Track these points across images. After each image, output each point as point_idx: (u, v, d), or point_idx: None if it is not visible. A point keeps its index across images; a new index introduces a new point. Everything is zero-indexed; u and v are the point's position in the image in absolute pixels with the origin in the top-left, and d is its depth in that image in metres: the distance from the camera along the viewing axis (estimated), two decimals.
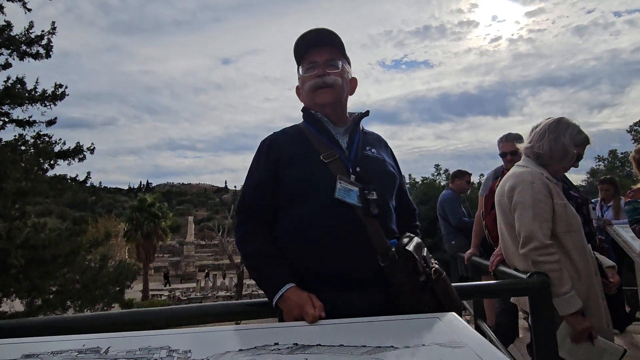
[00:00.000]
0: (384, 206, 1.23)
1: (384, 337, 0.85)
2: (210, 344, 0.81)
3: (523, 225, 1.74)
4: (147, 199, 27.64)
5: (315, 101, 1.32)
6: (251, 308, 1.26)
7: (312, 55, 1.34)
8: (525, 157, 1.96)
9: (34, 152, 9.71)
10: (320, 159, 1.22)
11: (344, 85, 1.34)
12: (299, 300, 1.04)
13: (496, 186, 2.80)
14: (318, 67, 1.31)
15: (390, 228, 1.23)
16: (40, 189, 9.45)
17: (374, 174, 1.26)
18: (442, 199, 4.50)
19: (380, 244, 1.15)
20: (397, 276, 1.09)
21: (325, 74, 1.30)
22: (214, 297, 24.72)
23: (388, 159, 1.37)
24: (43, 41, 10.04)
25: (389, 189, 1.31)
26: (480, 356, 0.78)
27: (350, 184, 1.18)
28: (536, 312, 1.64)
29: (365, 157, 1.29)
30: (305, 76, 1.35)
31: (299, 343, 0.81)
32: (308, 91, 1.33)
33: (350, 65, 1.41)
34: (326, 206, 1.15)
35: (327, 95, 1.30)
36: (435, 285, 1.09)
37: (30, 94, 10.00)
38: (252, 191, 1.29)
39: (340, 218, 1.16)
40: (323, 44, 1.33)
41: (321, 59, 1.32)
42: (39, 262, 9.17)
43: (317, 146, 1.27)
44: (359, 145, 1.31)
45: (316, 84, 1.30)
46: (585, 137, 1.86)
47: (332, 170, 1.20)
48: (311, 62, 1.34)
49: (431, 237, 15.48)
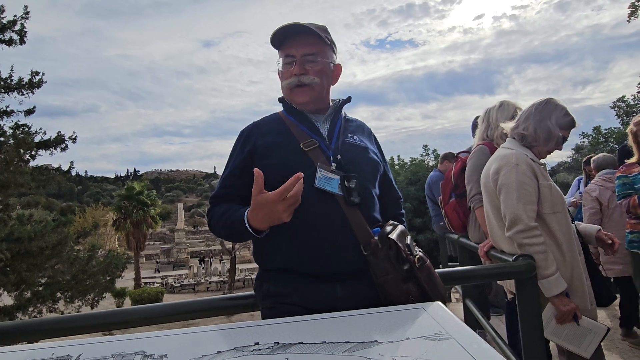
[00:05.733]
0: (366, 194, 1.20)
1: (368, 331, 0.83)
2: (187, 347, 0.78)
3: (508, 208, 1.74)
4: (135, 187, 27.26)
5: (292, 100, 1.27)
6: (231, 302, 1.23)
7: (289, 47, 1.25)
8: (510, 139, 1.94)
9: (13, 143, 9.44)
10: (300, 148, 1.18)
11: (324, 81, 1.26)
12: (263, 205, 1.01)
13: (453, 171, 2.78)
14: (295, 62, 1.23)
15: (372, 217, 1.20)
16: (22, 180, 9.24)
17: (356, 161, 1.22)
18: (430, 181, 4.51)
19: (363, 232, 1.12)
20: (380, 265, 1.07)
21: (302, 72, 1.23)
22: (207, 283, 24.81)
23: (371, 146, 1.32)
24: (16, 26, 9.66)
25: (371, 176, 1.27)
26: (465, 348, 0.76)
27: (331, 173, 1.15)
28: (522, 295, 1.65)
29: (347, 144, 1.25)
30: (282, 72, 1.27)
31: (280, 342, 0.79)
32: (285, 88, 1.27)
33: (335, 51, 1.32)
34: (306, 196, 1.10)
35: (304, 95, 1.24)
36: (419, 274, 1.07)
37: (6, 82, 9.68)
38: (222, 182, 1.27)
39: (321, 207, 1.12)
40: (301, 33, 1.23)
41: (298, 53, 1.23)
42: (26, 255, 9.04)
43: (296, 135, 1.22)
44: (340, 132, 1.27)
45: (292, 83, 1.24)
46: (571, 120, 1.84)
47: (312, 158, 1.16)
48: (288, 56, 1.25)
49: (420, 217, 15.68)
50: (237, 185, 1.23)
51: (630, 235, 2.72)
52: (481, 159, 2.36)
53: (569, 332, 1.67)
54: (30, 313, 9.37)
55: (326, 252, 1.10)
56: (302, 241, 1.11)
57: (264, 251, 1.20)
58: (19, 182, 9.26)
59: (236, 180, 1.24)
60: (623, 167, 2.78)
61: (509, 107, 2.37)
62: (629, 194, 2.68)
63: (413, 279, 1.07)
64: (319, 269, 1.10)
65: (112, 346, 0.78)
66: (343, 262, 1.10)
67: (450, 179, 2.79)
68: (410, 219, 16.16)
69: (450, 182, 2.78)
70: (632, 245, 2.70)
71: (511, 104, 2.39)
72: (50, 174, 10.41)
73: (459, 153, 2.92)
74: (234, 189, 1.23)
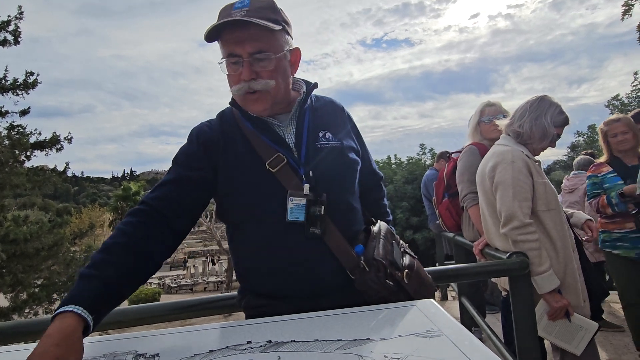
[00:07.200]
0: (343, 210, 1.08)
1: (360, 329, 0.83)
2: (179, 346, 0.78)
3: (504, 205, 1.75)
4: (132, 188, 27.27)
5: (246, 108, 1.06)
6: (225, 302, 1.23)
7: (230, 44, 0.99)
8: (505, 135, 1.95)
9: (8, 144, 9.40)
10: (266, 168, 1.02)
11: (280, 81, 1.04)
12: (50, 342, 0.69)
13: (445, 171, 2.80)
14: (242, 63, 1.00)
15: (353, 230, 1.09)
16: (18, 181, 9.20)
17: (331, 172, 1.07)
18: (426, 179, 4.53)
19: (346, 258, 1.02)
20: (369, 285, 0.99)
21: (252, 77, 1.00)
22: (204, 283, 24.75)
23: (346, 140, 1.15)
24: (10, 27, 9.60)
25: (350, 183, 1.12)
26: (456, 344, 0.77)
27: (303, 197, 1.01)
28: (516, 292, 1.66)
29: (318, 150, 1.08)
30: (229, 75, 1.04)
31: (272, 340, 0.79)
32: (235, 96, 1.05)
33: (289, 30, 1.07)
34: (279, 230, 1.01)
35: (258, 104, 1.04)
36: (408, 287, 1.03)
37: (1, 83, 9.62)
38: (169, 186, 1.02)
39: (297, 239, 1.01)
40: (243, 25, 0.97)
41: (244, 52, 0.99)
42: (22, 256, 9.01)
43: (258, 150, 1.04)
44: (309, 135, 1.09)
45: (242, 90, 1.02)
46: (565, 118, 1.86)
47: (280, 181, 1.02)
48: (232, 55, 1.00)
49: (417, 216, 15.75)
50: (175, 199, 1.00)
51: (602, 234, 2.71)
52: (471, 159, 2.38)
53: (560, 328, 1.68)
54: (26, 314, 9.33)
55: (308, 280, 1.02)
56: (281, 271, 1.02)
57: (243, 271, 1.10)
58: (15, 183, 9.22)
59: (182, 191, 1.01)
60: (593, 167, 2.78)
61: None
62: (598, 193, 2.67)
63: (403, 291, 1.02)
64: (301, 292, 1.03)
65: (105, 346, 0.78)
66: (327, 285, 1.03)
67: (443, 179, 2.81)
68: (407, 217, 16.23)
69: (443, 182, 2.80)
70: (604, 244, 2.70)
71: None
72: (46, 175, 10.36)
73: (452, 153, 2.93)
74: (172, 203, 0.99)
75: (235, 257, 1.11)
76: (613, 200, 2.52)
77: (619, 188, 2.52)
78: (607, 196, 2.58)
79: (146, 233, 0.93)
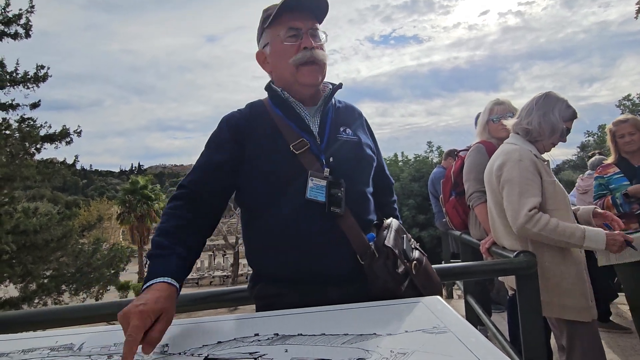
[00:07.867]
0: (358, 197, 1.12)
1: (366, 324, 0.84)
2: (187, 337, 0.80)
3: (510, 203, 1.74)
4: (140, 181, 27.47)
5: (299, 79, 1.10)
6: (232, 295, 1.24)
7: (292, 20, 1.09)
8: (513, 134, 1.94)
9: (19, 137, 9.52)
10: (290, 150, 1.07)
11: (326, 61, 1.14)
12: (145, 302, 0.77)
13: (452, 170, 2.78)
14: (301, 36, 1.09)
15: (367, 220, 1.13)
16: (28, 173, 9.32)
17: (349, 161, 1.12)
18: (434, 177, 4.51)
19: (358, 242, 1.05)
20: (377, 274, 1.01)
21: (314, 46, 1.08)
22: (210, 277, 24.94)
23: (364, 138, 1.21)
24: (21, 20, 9.70)
25: (366, 175, 1.18)
26: (462, 341, 0.77)
27: (322, 179, 1.05)
28: (522, 290, 1.65)
29: (339, 142, 1.14)
30: (287, 45, 1.09)
31: (279, 333, 0.80)
32: (291, 65, 1.10)
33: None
34: (298, 208, 1.04)
35: (315, 75, 1.10)
36: (416, 280, 1.04)
37: (12, 76, 9.73)
38: (197, 171, 1.09)
39: (314, 218, 1.04)
40: (305, 7, 1.09)
41: (305, 27, 1.09)
42: (31, 247, 9.14)
43: (284, 133, 1.10)
44: (331, 127, 1.16)
45: (304, 58, 1.07)
46: (573, 112, 1.84)
47: (302, 163, 1.07)
48: (292, 29, 1.09)
49: (424, 213, 15.69)
50: (209, 182, 1.08)
51: None
52: (478, 158, 2.37)
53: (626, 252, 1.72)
54: (35, 305, 9.49)
55: (321, 261, 1.05)
56: (295, 252, 1.05)
57: (256, 256, 1.13)
58: (25, 175, 9.34)
59: (215, 174, 1.09)
60: (599, 168, 2.78)
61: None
62: (603, 194, 2.67)
63: (410, 284, 1.04)
64: (312, 276, 1.05)
65: (115, 335, 0.79)
66: (338, 270, 1.05)
67: (450, 177, 2.80)
68: (413, 215, 16.19)
69: (450, 180, 2.79)
70: None
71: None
72: (55, 168, 10.49)
73: (459, 151, 2.92)
74: (206, 185, 1.07)
75: (250, 242, 1.15)
76: (618, 201, 2.53)
77: (625, 189, 2.52)
78: (612, 197, 2.58)
79: (192, 212, 1.03)
